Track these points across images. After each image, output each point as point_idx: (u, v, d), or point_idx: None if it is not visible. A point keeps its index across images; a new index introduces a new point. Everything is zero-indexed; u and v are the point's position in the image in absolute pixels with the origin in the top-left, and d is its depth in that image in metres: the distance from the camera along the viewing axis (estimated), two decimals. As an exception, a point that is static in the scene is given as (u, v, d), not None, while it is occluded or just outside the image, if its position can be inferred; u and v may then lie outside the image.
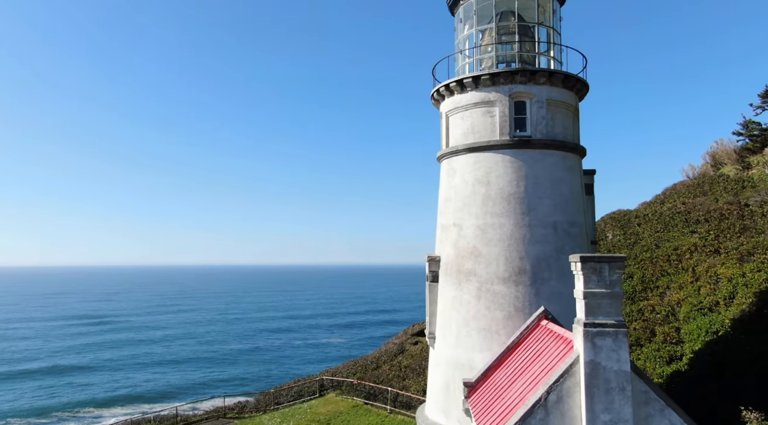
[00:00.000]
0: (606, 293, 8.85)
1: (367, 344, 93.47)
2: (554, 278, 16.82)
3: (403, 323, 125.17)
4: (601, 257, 8.89)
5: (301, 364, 76.61)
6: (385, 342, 49.40)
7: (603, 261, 8.83)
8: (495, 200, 17.20)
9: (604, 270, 8.82)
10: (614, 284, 8.91)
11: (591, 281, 8.91)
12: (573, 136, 18.54)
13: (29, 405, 55.30)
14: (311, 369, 66.64)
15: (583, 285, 8.98)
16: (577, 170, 18.36)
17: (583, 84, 18.53)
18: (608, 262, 8.82)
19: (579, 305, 9.26)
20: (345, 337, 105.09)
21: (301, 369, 69.43)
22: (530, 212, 16.97)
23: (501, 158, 17.32)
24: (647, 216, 35.91)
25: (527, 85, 17.37)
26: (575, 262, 9.16)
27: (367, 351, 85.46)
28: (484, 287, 17.05)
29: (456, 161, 18.44)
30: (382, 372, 35.82)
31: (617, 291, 8.92)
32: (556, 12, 19.33)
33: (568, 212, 17.46)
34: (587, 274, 8.92)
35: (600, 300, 8.85)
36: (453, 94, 18.65)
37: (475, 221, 17.49)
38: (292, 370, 71.07)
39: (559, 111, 17.98)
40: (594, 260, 8.87)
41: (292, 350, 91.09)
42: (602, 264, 8.82)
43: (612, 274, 8.86)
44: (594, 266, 8.84)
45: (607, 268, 8.81)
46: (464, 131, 18.30)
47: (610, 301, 8.86)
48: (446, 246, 18.53)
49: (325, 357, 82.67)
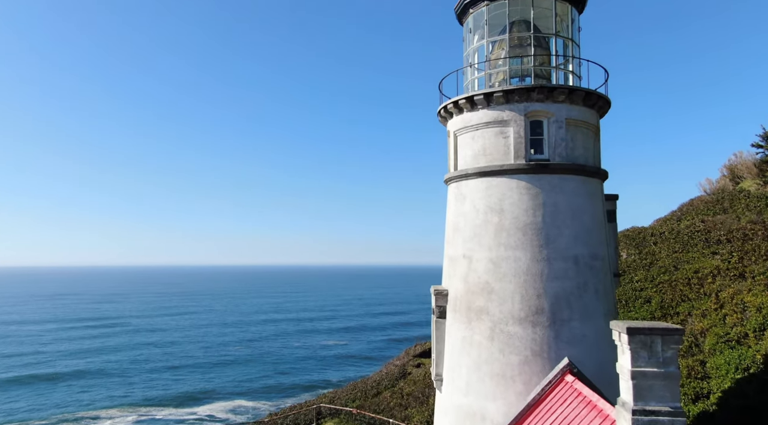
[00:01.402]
0: (659, 374, 7.40)
1: (367, 344, 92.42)
2: (576, 319, 15.36)
3: (404, 324, 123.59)
4: (652, 328, 7.43)
5: (302, 368, 75.39)
6: (386, 363, 47.80)
7: (655, 333, 7.37)
8: (509, 231, 15.74)
9: (656, 345, 7.36)
10: (669, 362, 7.45)
11: (640, 358, 7.45)
12: (594, 158, 17.12)
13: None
14: (314, 376, 65.47)
15: (631, 362, 7.52)
16: (599, 196, 16.92)
17: (605, 101, 17.13)
18: (661, 335, 7.36)
19: (624, 385, 7.79)
20: (344, 339, 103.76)
21: (302, 376, 68.06)
22: (549, 244, 15.51)
23: (516, 184, 15.87)
24: (664, 235, 34.45)
25: (545, 103, 15.95)
26: (619, 332, 7.69)
27: (368, 352, 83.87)
28: (497, 327, 15.57)
29: (465, 186, 16.99)
30: (382, 399, 34.29)
31: (673, 371, 7.46)
32: (575, 21, 17.93)
33: (590, 243, 16.01)
34: (635, 349, 7.46)
35: (651, 382, 7.40)
36: (462, 111, 17.23)
37: (487, 254, 16.02)
38: (295, 375, 69.96)
39: (579, 131, 16.56)
40: (644, 332, 7.41)
41: (290, 351, 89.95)
42: (654, 337, 7.36)
43: (666, 350, 7.40)
44: (644, 340, 7.38)
45: (659, 342, 7.35)
46: (474, 152, 16.86)
47: (665, 383, 7.40)
48: (455, 280, 17.06)
49: (326, 359, 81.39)
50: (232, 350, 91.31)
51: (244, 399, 59.12)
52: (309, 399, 59.90)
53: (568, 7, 17.66)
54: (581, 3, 17.98)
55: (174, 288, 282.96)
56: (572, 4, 17.69)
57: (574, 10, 17.94)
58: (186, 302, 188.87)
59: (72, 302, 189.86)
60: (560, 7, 17.52)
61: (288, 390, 64.07)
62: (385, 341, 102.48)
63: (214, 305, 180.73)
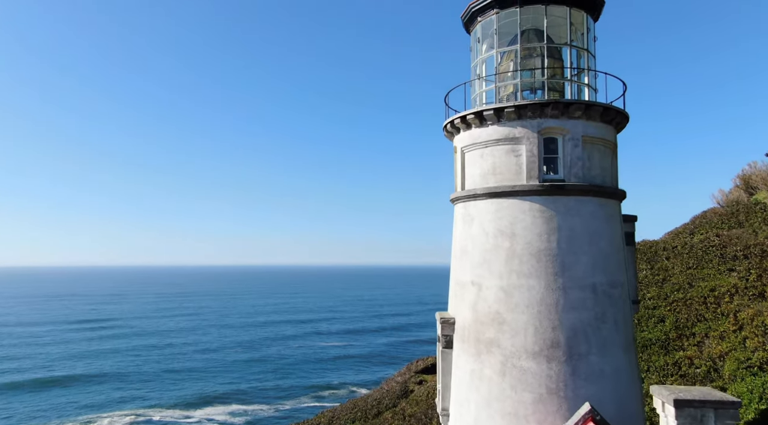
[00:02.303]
0: (712, 454, 6.38)
1: (367, 346, 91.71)
2: (594, 353, 14.34)
3: (404, 325, 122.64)
4: (703, 400, 6.45)
5: (301, 370, 74.64)
6: (386, 380, 46.72)
7: (707, 406, 6.38)
8: (522, 257, 14.74)
9: (707, 420, 6.35)
10: (724, 441, 6.41)
11: (689, 435, 6.43)
12: (612, 178, 16.13)
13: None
14: (313, 378, 64.84)
15: (678, 439, 6.49)
16: (617, 219, 15.93)
17: (623, 116, 16.14)
18: (715, 408, 6.37)
19: (669, 464, 6.76)
20: (343, 341, 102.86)
21: (304, 380, 67.17)
22: (564, 272, 14.51)
23: (528, 207, 14.87)
24: (677, 249, 33.41)
25: (560, 119, 14.98)
26: (662, 401, 6.68)
27: (367, 353, 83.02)
28: (509, 362, 14.55)
29: (474, 207, 16.00)
30: (383, 420, 33.20)
31: (728, 451, 6.44)
32: (591, 31, 16.96)
33: (608, 270, 15.01)
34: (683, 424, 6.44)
35: (703, 463, 6.37)
36: (470, 127, 16.26)
37: (497, 282, 15.01)
38: (294, 377, 69.21)
39: (597, 149, 15.58)
40: (694, 404, 6.43)
41: (289, 352, 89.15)
42: (706, 411, 6.37)
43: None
44: (693, 414, 6.40)
45: (712, 417, 6.34)
46: (483, 171, 15.87)
47: (719, 465, 6.37)
48: (462, 308, 16.05)
49: (329, 360, 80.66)
50: (230, 352, 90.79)
51: (242, 403, 58.78)
52: (307, 401, 59.20)
53: (583, 15, 16.70)
54: (596, 10, 17.04)
55: (173, 289, 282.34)
56: (587, 11, 16.73)
57: (590, 18, 16.99)
58: (185, 304, 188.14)
59: (70, 303, 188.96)
60: (575, 16, 16.58)
61: (287, 393, 63.48)
62: (384, 342, 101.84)
63: (212, 306, 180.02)
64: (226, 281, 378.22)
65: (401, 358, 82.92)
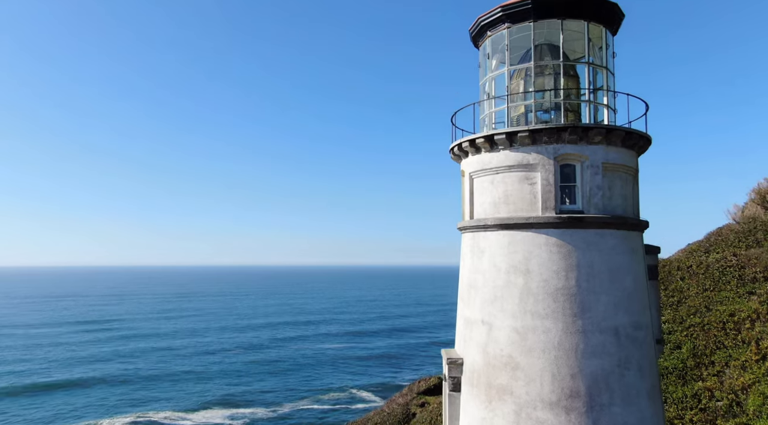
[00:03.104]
0: None
1: (366, 347, 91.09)
2: (617, 403, 13.18)
3: (404, 326, 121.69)
4: None
5: (300, 372, 73.83)
6: (387, 400, 45.48)
7: None
8: (537, 296, 13.57)
9: None
10: None
11: None
12: (633, 207, 14.99)
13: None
14: (312, 380, 64.12)
15: None
16: (640, 252, 14.76)
17: (646, 140, 14.99)
18: None
19: None
20: (343, 342, 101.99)
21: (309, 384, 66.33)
22: (584, 313, 13.34)
23: (544, 241, 13.71)
24: (692, 269, 32.20)
25: (578, 144, 13.85)
26: None
27: (366, 355, 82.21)
28: (523, 412, 13.37)
29: (484, 239, 14.84)
30: (385, 448, 31.86)
31: None
32: (610, 46, 15.81)
33: (632, 310, 13.84)
34: None
35: None
36: (480, 151, 15.13)
37: (510, 322, 13.84)
38: (293, 380, 68.48)
39: (618, 176, 14.44)
40: None
41: (288, 354, 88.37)
42: None
43: None
44: None
45: None
46: (494, 200, 14.72)
47: None
48: (472, 348, 14.86)
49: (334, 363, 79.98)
50: (229, 354, 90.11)
51: (241, 406, 58.45)
52: (307, 404, 58.63)
53: (601, 29, 15.58)
54: (616, 24, 15.91)
55: (171, 289, 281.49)
56: (606, 26, 15.60)
57: (608, 32, 15.85)
58: (183, 305, 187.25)
59: (67, 304, 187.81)
60: (593, 30, 15.46)
61: (287, 395, 62.96)
62: (385, 344, 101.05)
63: (211, 307, 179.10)
64: (226, 281, 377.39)
65: (401, 360, 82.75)
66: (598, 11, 15.14)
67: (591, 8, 15.03)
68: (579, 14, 15.00)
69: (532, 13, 14.89)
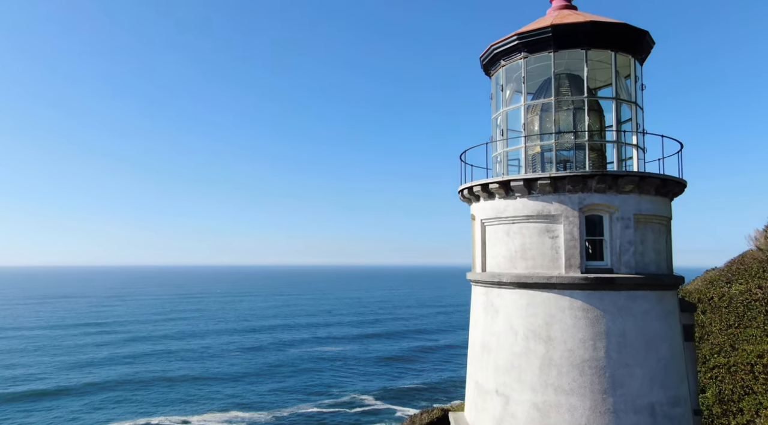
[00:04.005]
0: None
1: (366, 349, 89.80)
2: (654, 496, 11.47)
3: (404, 328, 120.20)
4: None
5: (300, 375, 72.82)
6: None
7: None
8: (561, 368, 11.93)
9: None
10: None
11: None
12: (667, 262, 13.38)
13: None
14: (312, 383, 63.06)
15: None
16: (675, 315, 13.13)
17: (682, 187, 13.38)
18: None
19: None
20: (342, 344, 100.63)
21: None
22: (615, 389, 11.70)
23: (568, 304, 12.09)
24: (713, 301, 30.42)
25: (607, 194, 12.27)
26: None
27: (366, 357, 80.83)
28: None
29: (498, 297, 13.22)
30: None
31: None
32: (639, 79, 14.23)
33: (668, 384, 12.19)
34: None
35: None
36: (493, 197, 13.55)
37: (530, 397, 12.19)
38: (292, 382, 67.39)
39: (651, 228, 12.84)
40: None
41: (287, 356, 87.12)
42: None
43: None
44: None
45: None
46: (510, 253, 13.12)
47: None
48: (485, 421, 13.20)
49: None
50: (228, 356, 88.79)
51: (240, 409, 57.38)
52: (308, 408, 57.52)
53: (629, 59, 14.04)
54: (645, 52, 14.36)
55: (170, 289, 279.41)
56: (634, 55, 14.04)
57: (637, 62, 14.28)
58: (181, 306, 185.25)
59: (65, 305, 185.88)
60: (621, 60, 13.91)
61: (287, 399, 61.71)
62: (385, 346, 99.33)
63: (210, 308, 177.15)
64: (225, 281, 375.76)
65: (402, 363, 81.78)
66: (626, 40, 13.62)
67: (619, 37, 13.52)
68: (606, 44, 13.48)
69: (553, 42, 13.38)
